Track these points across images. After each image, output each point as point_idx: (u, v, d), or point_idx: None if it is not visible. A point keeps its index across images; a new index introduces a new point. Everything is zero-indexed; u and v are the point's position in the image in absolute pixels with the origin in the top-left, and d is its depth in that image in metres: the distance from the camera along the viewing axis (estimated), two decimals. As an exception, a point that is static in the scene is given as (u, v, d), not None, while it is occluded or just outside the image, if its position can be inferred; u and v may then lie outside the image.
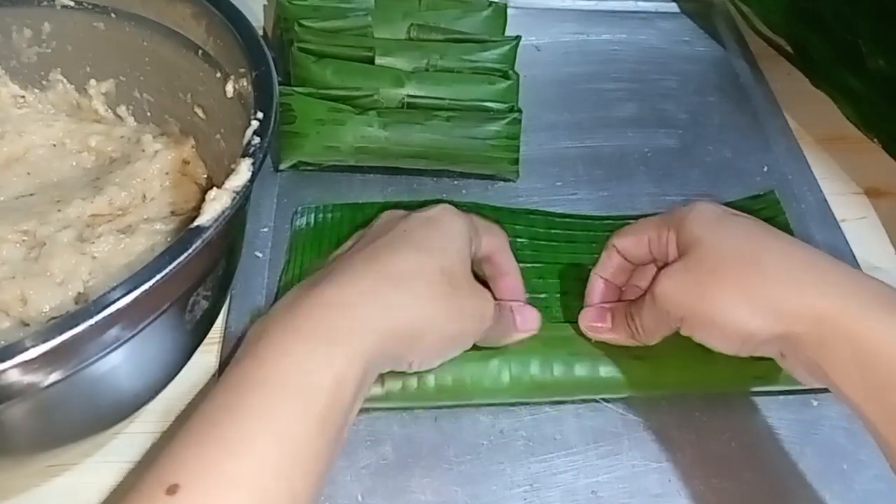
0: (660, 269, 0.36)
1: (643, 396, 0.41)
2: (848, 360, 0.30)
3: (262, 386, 0.28)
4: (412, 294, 0.33)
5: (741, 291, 0.33)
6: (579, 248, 0.46)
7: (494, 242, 0.39)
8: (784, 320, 0.32)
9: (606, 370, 0.40)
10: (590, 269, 0.41)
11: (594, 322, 0.40)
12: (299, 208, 0.48)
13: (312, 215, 0.47)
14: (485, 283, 0.39)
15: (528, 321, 0.39)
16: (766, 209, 0.49)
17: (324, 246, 0.45)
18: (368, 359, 0.30)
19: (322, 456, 0.28)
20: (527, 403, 0.40)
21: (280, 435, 0.27)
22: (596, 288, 0.41)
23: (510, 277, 0.40)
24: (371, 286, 0.32)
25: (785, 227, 0.48)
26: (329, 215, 0.47)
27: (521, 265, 0.41)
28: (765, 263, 0.33)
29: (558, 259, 0.45)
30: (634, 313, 0.38)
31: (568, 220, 0.48)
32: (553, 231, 0.47)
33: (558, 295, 0.44)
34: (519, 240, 0.46)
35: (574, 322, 0.41)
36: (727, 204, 0.49)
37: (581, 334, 0.40)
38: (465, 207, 0.46)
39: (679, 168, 0.54)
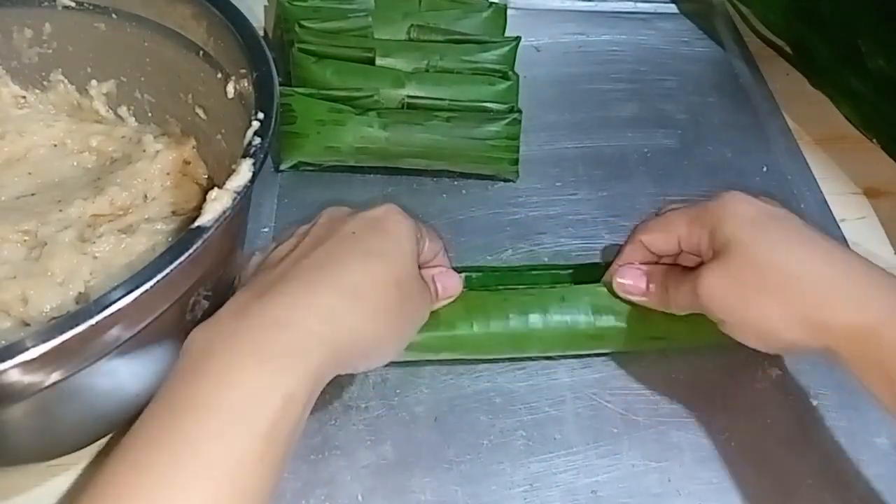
0: (699, 264, 0.36)
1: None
2: (881, 376, 0.32)
3: (207, 410, 0.27)
4: (363, 308, 0.32)
5: (781, 304, 0.33)
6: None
7: (434, 247, 0.39)
8: (822, 336, 0.33)
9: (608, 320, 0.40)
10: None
11: (629, 281, 0.40)
12: None
13: None
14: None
15: (448, 289, 0.39)
16: None
17: None
18: (317, 374, 0.30)
19: (267, 479, 0.27)
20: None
21: (225, 462, 0.26)
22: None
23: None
24: (321, 301, 0.31)
25: None
26: None
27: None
28: (804, 278, 0.33)
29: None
30: (671, 288, 0.38)
31: (572, 271, 0.45)
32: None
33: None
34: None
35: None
36: None
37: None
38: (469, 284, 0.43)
39: (679, 168, 0.54)
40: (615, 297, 0.40)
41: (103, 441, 0.38)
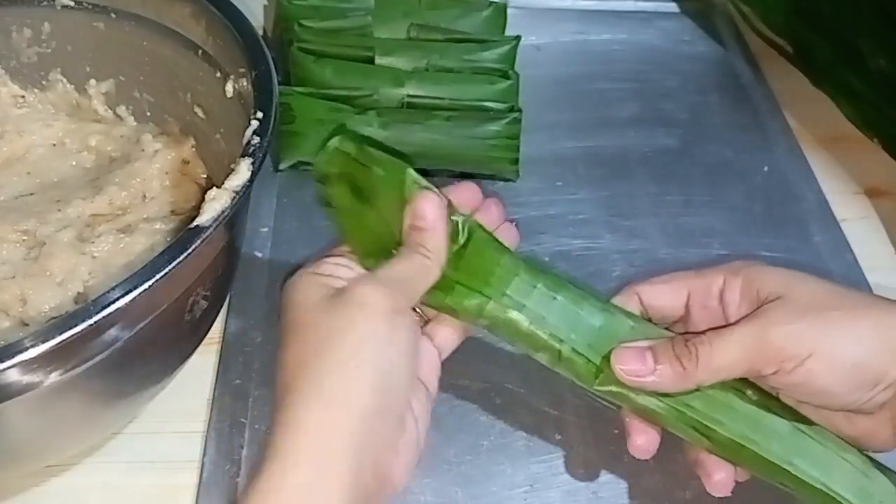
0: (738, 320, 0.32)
1: None
2: None
3: None
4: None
5: (874, 327, 0.30)
6: None
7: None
8: None
9: None
10: None
11: (632, 366, 0.32)
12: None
13: None
14: None
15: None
16: None
17: None
18: None
19: None
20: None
21: None
22: None
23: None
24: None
25: None
26: None
27: None
28: (881, 305, 0.31)
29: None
30: (699, 346, 0.31)
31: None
32: None
33: None
34: None
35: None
36: None
37: None
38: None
39: (679, 168, 0.54)
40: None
41: (102, 441, 0.38)
